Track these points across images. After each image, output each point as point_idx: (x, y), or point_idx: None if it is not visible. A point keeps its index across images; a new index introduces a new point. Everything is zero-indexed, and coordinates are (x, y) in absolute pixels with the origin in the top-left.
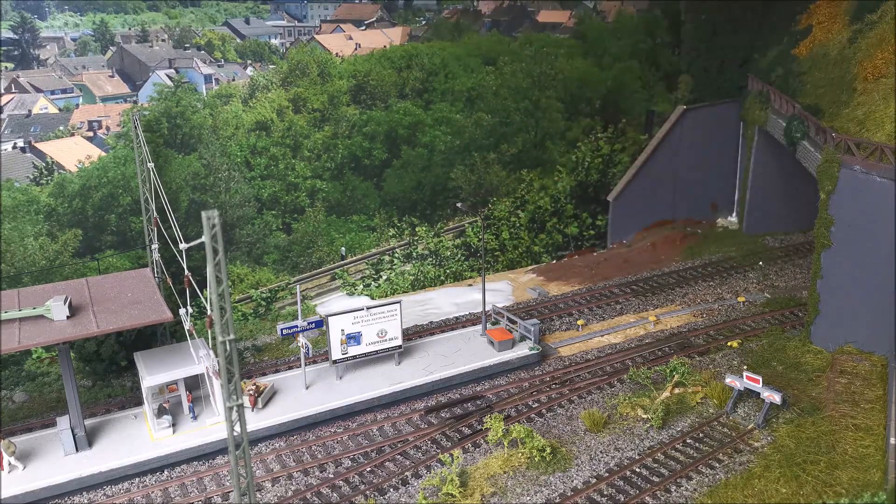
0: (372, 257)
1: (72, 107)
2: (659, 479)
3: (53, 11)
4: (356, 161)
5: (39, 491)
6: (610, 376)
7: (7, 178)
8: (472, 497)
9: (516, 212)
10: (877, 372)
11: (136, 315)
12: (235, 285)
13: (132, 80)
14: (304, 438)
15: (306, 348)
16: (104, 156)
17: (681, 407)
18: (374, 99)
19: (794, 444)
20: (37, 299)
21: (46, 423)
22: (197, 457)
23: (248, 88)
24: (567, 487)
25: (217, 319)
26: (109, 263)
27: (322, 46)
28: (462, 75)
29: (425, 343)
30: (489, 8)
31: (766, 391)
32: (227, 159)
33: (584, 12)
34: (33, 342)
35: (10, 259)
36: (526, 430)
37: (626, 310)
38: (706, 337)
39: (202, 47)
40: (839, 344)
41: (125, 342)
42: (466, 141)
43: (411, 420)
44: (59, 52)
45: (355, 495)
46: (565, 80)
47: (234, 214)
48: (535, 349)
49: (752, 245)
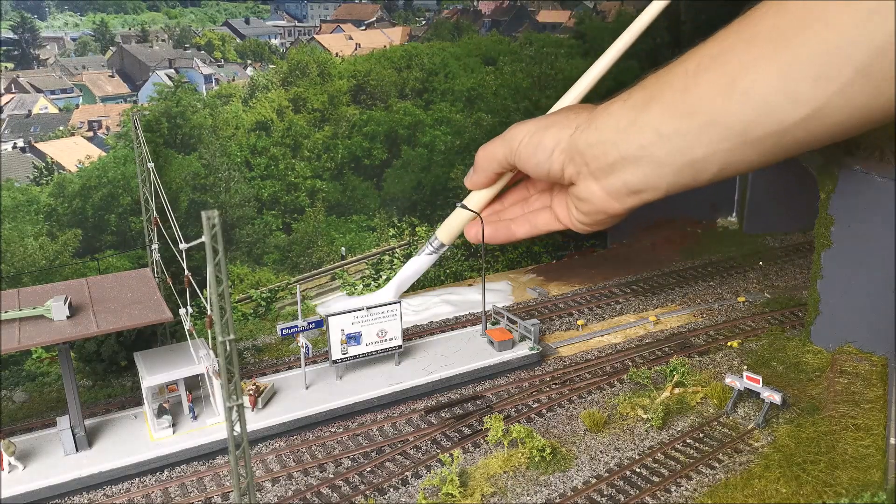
0: (372, 257)
1: (72, 107)
2: (659, 479)
3: (53, 11)
4: (356, 161)
5: (39, 491)
6: (610, 376)
7: (7, 178)
8: (472, 497)
9: None
10: (877, 372)
11: (136, 315)
12: (235, 285)
13: (132, 80)
14: (304, 438)
15: (306, 348)
16: (104, 156)
17: (681, 407)
18: (374, 99)
19: (794, 444)
20: (37, 299)
21: (46, 423)
22: (197, 457)
23: (248, 88)
24: (567, 487)
25: (217, 319)
26: (109, 263)
27: (322, 46)
28: (462, 75)
29: (425, 343)
30: (489, 8)
31: (766, 391)
32: (227, 159)
33: (584, 12)
34: (33, 342)
35: (10, 259)
36: (526, 430)
37: (626, 310)
38: (706, 337)
39: (202, 47)
40: (839, 344)
41: (125, 342)
42: (466, 141)
43: (411, 420)
44: (59, 52)
45: (355, 495)
46: (565, 81)
47: (234, 214)
48: (535, 349)
49: (752, 245)
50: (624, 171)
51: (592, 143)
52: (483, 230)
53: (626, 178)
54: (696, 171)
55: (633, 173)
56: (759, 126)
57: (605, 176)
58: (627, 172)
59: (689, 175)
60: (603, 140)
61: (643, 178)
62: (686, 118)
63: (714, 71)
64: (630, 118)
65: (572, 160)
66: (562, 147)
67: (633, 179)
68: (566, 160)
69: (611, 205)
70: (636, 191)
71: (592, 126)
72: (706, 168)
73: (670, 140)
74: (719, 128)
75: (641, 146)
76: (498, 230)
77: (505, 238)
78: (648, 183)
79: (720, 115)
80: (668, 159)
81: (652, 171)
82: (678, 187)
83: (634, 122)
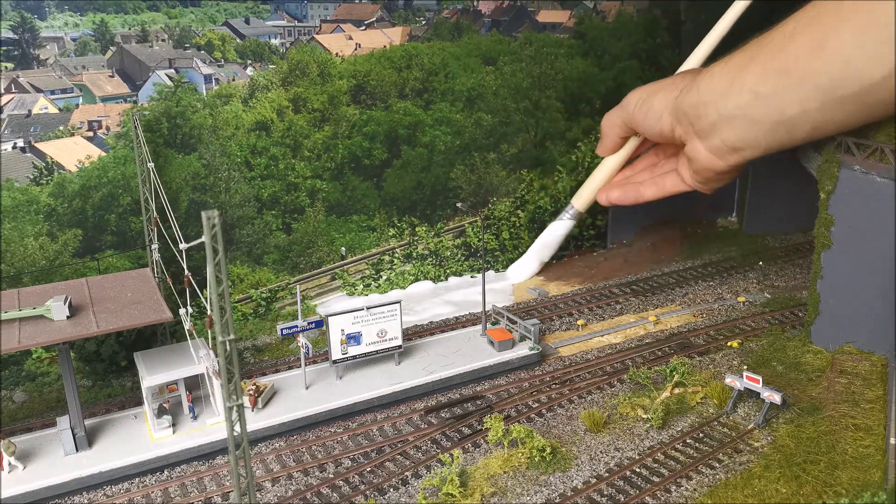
0: (372, 257)
1: (72, 107)
2: (659, 479)
3: (53, 11)
4: (356, 161)
5: (39, 491)
6: (610, 376)
7: (7, 178)
8: (472, 497)
9: (516, 212)
10: (877, 372)
11: (136, 315)
12: (235, 285)
13: (132, 80)
14: (304, 438)
15: (306, 348)
16: (104, 156)
17: (681, 407)
18: (374, 99)
19: (794, 444)
20: (37, 299)
21: (46, 423)
22: (197, 457)
23: (248, 88)
24: (567, 487)
25: (217, 319)
26: (109, 263)
27: (322, 46)
28: (462, 75)
29: (425, 343)
30: (489, 8)
31: (766, 391)
32: (227, 159)
33: (584, 12)
34: (33, 342)
35: (10, 259)
36: (526, 430)
37: (626, 310)
38: (706, 337)
39: (202, 47)
40: (839, 344)
41: (125, 342)
42: (466, 141)
43: (411, 420)
44: (59, 52)
45: (355, 495)
46: (565, 80)
47: (234, 214)
48: (535, 349)
49: (752, 245)
50: (723, 130)
51: (694, 104)
52: (483, 230)
53: (724, 136)
54: (789, 129)
55: (732, 132)
56: (844, 84)
57: (707, 135)
58: (726, 131)
59: (783, 133)
60: (704, 101)
61: (741, 136)
62: (781, 77)
63: (808, 33)
64: (729, 79)
65: (679, 121)
66: (669, 109)
67: (731, 138)
68: (674, 121)
69: (715, 162)
70: (735, 148)
71: (694, 88)
72: (799, 126)
73: (766, 100)
74: (810, 86)
75: (738, 106)
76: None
77: (633, 199)
78: (746, 141)
79: (811, 73)
80: (763, 118)
81: (748, 129)
82: (776, 145)
83: (733, 83)
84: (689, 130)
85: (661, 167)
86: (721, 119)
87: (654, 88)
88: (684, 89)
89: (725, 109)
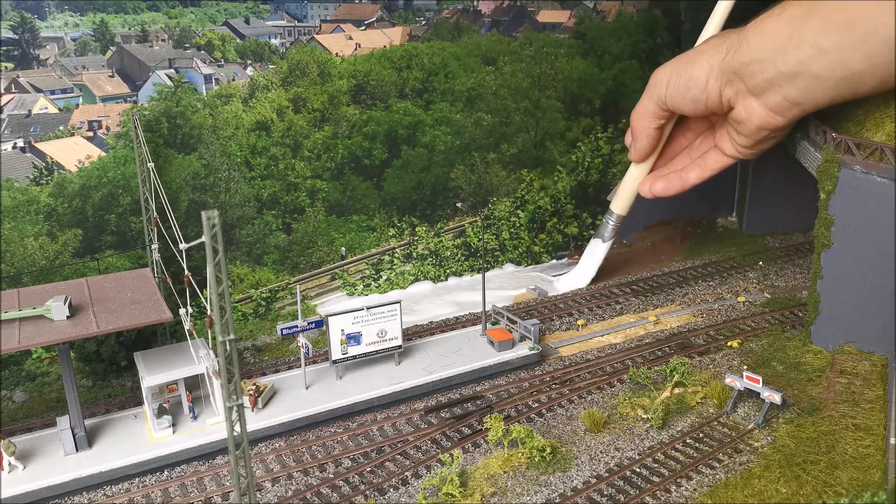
0: (372, 257)
1: (72, 107)
2: (659, 479)
3: (53, 11)
4: (356, 161)
5: (39, 491)
6: (610, 376)
7: (7, 178)
8: (472, 497)
9: (516, 212)
10: (877, 372)
11: (136, 315)
12: (235, 285)
13: (132, 80)
14: (304, 438)
15: (306, 348)
16: (104, 156)
17: (681, 407)
18: (374, 99)
19: (794, 444)
20: (37, 299)
21: (46, 423)
22: (197, 457)
23: (248, 88)
24: (567, 487)
25: (217, 319)
26: (109, 263)
27: (322, 46)
28: (462, 75)
29: (425, 343)
30: (489, 8)
31: (766, 391)
32: (227, 159)
33: (584, 12)
34: (33, 342)
35: (10, 259)
36: (526, 430)
37: (626, 310)
38: (706, 337)
39: (202, 47)
40: (839, 344)
41: (125, 342)
42: (466, 141)
43: (411, 420)
44: (59, 52)
45: (355, 495)
46: (565, 80)
47: (234, 214)
48: (535, 349)
49: (752, 245)
50: (784, 87)
51: (747, 61)
52: (483, 230)
53: (786, 92)
54: (854, 84)
55: (794, 87)
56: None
57: (764, 92)
58: (788, 87)
59: (847, 88)
60: (759, 58)
61: (804, 91)
62: (845, 31)
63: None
64: (787, 33)
65: (730, 82)
66: (715, 74)
67: (793, 93)
68: (723, 84)
69: (772, 119)
70: (797, 103)
71: (744, 46)
72: (864, 81)
73: (829, 55)
74: (877, 40)
75: (800, 61)
76: (670, 182)
77: (679, 187)
78: (809, 96)
79: (878, 26)
80: (827, 73)
81: (812, 84)
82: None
83: (791, 38)
84: (741, 90)
85: (698, 148)
86: (780, 75)
87: (688, 58)
88: (731, 49)
89: (784, 65)
